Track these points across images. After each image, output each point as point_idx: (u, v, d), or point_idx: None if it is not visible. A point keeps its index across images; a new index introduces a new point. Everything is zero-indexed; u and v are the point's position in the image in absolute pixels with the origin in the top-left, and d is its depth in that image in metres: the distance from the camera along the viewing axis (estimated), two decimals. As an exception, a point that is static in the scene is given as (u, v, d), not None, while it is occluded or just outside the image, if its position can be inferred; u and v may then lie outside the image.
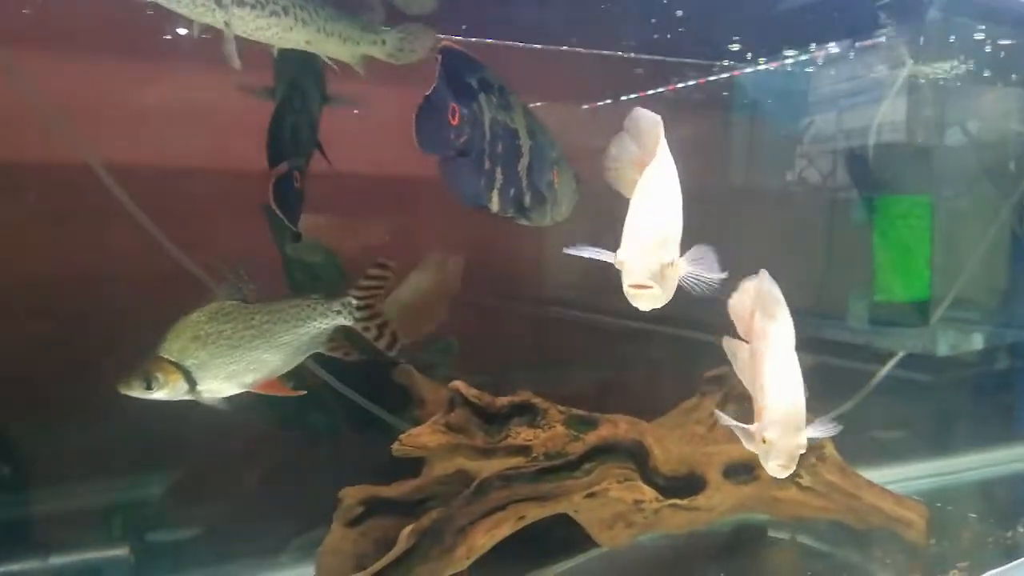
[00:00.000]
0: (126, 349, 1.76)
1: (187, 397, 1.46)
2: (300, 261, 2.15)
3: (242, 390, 1.52)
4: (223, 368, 1.48)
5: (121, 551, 1.71)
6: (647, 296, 1.13)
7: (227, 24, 1.33)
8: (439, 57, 1.47)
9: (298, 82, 1.73)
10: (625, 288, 1.14)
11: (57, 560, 1.65)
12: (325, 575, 1.60)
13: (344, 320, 1.61)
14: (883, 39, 2.75)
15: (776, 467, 1.30)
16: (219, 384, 1.49)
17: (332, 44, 1.54)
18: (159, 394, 1.43)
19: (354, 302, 1.61)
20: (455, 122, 1.51)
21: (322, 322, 1.60)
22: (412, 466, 1.68)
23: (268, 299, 1.55)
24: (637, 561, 1.85)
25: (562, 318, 2.68)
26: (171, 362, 1.44)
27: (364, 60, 1.64)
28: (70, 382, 1.68)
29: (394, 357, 1.96)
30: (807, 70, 3.00)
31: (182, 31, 1.33)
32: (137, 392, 1.41)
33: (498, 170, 1.58)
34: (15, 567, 1.64)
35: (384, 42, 1.63)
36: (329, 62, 1.60)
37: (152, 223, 1.68)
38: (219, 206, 1.99)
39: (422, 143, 1.47)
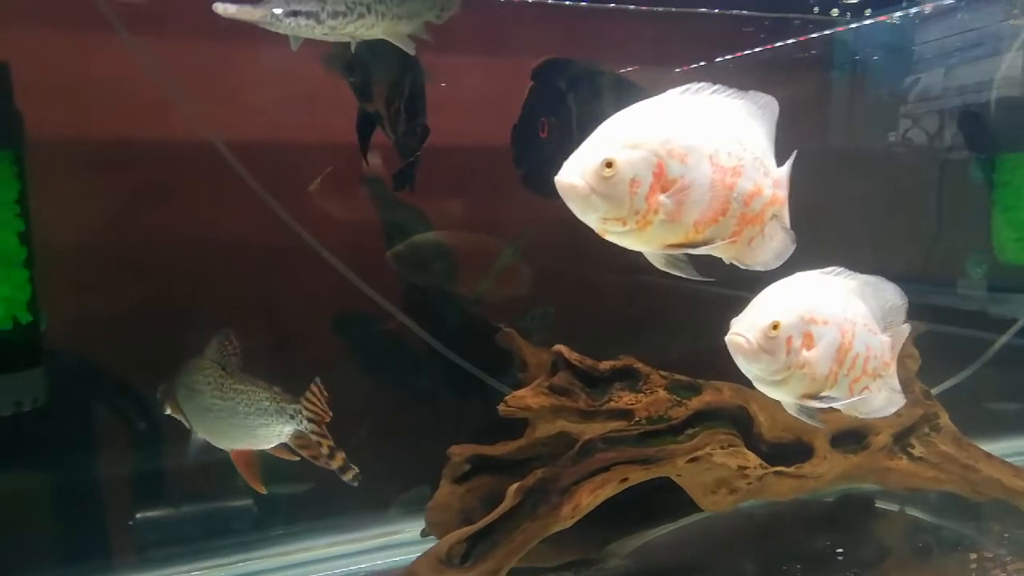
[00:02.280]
0: (244, 315, 1.89)
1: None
2: (400, 229, 2.21)
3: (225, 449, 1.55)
4: (203, 424, 1.55)
5: (246, 502, 1.83)
6: (574, 197, 0.97)
7: (325, 36, 1.40)
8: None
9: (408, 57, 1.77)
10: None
11: (189, 509, 1.78)
12: (434, 528, 1.67)
13: (297, 425, 1.48)
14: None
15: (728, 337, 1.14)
16: (207, 435, 1.56)
17: (403, 25, 1.58)
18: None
19: (305, 412, 1.47)
20: (544, 134, 1.57)
21: (278, 420, 1.49)
22: (510, 427, 1.72)
23: (246, 376, 1.52)
24: (738, 527, 1.84)
25: (655, 285, 2.65)
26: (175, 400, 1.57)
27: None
28: (195, 343, 1.81)
29: (495, 323, 2.01)
30: (912, 24, 2.83)
31: (277, 10, 1.38)
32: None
33: None
34: (152, 514, 1.79)
35: (435, 4, 1.66)
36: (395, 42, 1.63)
37: (270, 197, 1.76)
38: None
39: (517, 163, 1.54)
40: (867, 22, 2.78)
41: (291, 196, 1.85)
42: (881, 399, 1.29)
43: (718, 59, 2.79)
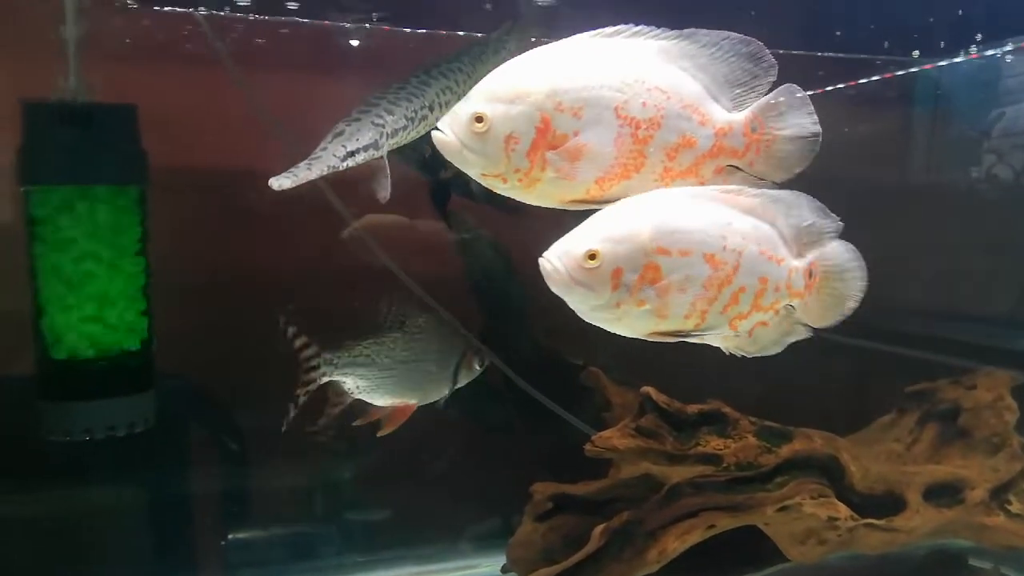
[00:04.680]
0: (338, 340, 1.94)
1: None
2: (472, 254, 2.24)
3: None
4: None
5: (329, 528, 1.87)
6: (447, 151, 0.95)
7: (383, 157, 1.39)
8: None
9: None
10: None
11: (277, 531, 1.83)
12: (515, 565, 1.67)
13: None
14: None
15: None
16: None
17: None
18: None
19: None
20: None
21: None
22: (583, 463, 1.71)
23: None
24: (824, 579, 1.80)
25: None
26: None
27: None
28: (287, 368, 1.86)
29: (571, 358, 2.02)
30: (996, 57, 2.76)
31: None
32: None
33: None
34: (242, 535, 1.84)
35: (508, 49, 1.62)
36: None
37: (358, 227, 1.82)
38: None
39: None
40: (951, 61, 2.73)
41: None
42: (775, 333, 1.10)
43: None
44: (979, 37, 2.46)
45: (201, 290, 1.91)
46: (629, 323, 0.99)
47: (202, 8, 1.68)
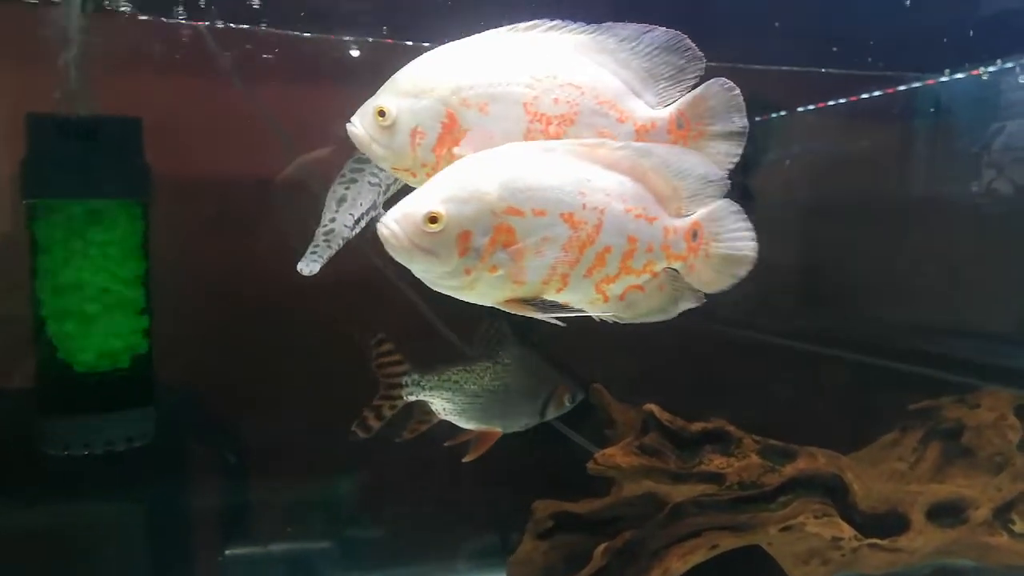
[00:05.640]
0: (336, 355, 1.93)
1: None
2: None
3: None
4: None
5: (328, 544, 1.86)
6: (358, 144, 0.93)
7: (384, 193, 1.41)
8: None
9: None
10: None
11: (276, 548, 1.81)
12: (516, 584, 1.66)
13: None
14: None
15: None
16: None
17: None
18: None
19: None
20: None
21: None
22: (584, 480, 1.70)
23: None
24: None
25: (733, 339, 2.61)
26: None
27: None
28: (288, 383, 1.84)
29: (583, 378, 2.01)
30: (997, 75, 2.77)
31: (344, 234, 1.40)
32: None
33: None
34: (240, 551, 1.83)
35: None
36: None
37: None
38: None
39: None
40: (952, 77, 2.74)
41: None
42: (658, 300, 1.00)
43: (799, 109, 2.79)
44: (980, 53, 2.48)
45: (202, 303, 1.89)
46: (482, 291, 0.91)
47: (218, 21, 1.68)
